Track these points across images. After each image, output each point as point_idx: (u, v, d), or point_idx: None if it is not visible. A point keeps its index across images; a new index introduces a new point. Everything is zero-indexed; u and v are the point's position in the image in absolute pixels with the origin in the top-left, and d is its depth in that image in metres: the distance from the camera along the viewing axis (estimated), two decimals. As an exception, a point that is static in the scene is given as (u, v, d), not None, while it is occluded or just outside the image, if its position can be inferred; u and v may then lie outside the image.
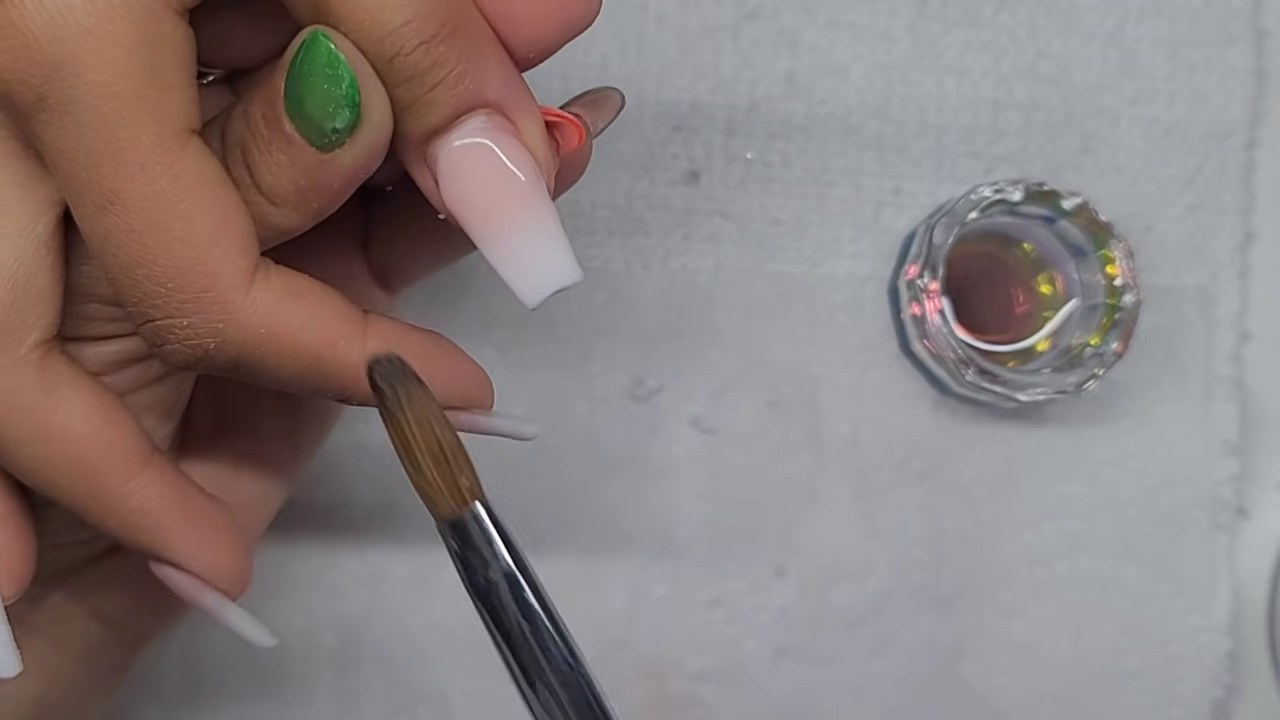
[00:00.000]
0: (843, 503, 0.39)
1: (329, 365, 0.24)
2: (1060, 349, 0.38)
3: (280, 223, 0.24)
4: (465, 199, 0.23)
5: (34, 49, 0.21)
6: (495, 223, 0.23)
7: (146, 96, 0.22)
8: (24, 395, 0.24)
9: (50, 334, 0.24)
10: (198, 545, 0.26)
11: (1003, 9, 0.39)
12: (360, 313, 0.25)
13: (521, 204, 0.23)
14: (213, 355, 0.23)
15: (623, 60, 0.38)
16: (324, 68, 0.22)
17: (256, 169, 0.23)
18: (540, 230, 0.23)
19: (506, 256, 0.24)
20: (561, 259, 0.24)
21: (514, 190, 0.23)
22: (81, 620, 0.30)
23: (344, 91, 0.22)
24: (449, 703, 0.38)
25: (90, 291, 0.25)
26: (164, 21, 0.22)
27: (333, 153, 0.23)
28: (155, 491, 0.25)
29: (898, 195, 0.39)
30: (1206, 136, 0.40)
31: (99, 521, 0.25)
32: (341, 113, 0.22)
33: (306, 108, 0.23)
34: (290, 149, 0.23)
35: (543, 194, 0.24)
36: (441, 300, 0.38)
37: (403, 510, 0.38)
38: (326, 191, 0.24)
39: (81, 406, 0.25)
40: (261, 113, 0.23)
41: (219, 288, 0.23)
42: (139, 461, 0.25)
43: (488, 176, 0.23)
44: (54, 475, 0.25)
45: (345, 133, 0.23)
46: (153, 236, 0.22)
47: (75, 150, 0.22)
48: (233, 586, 0.27)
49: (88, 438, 0.25)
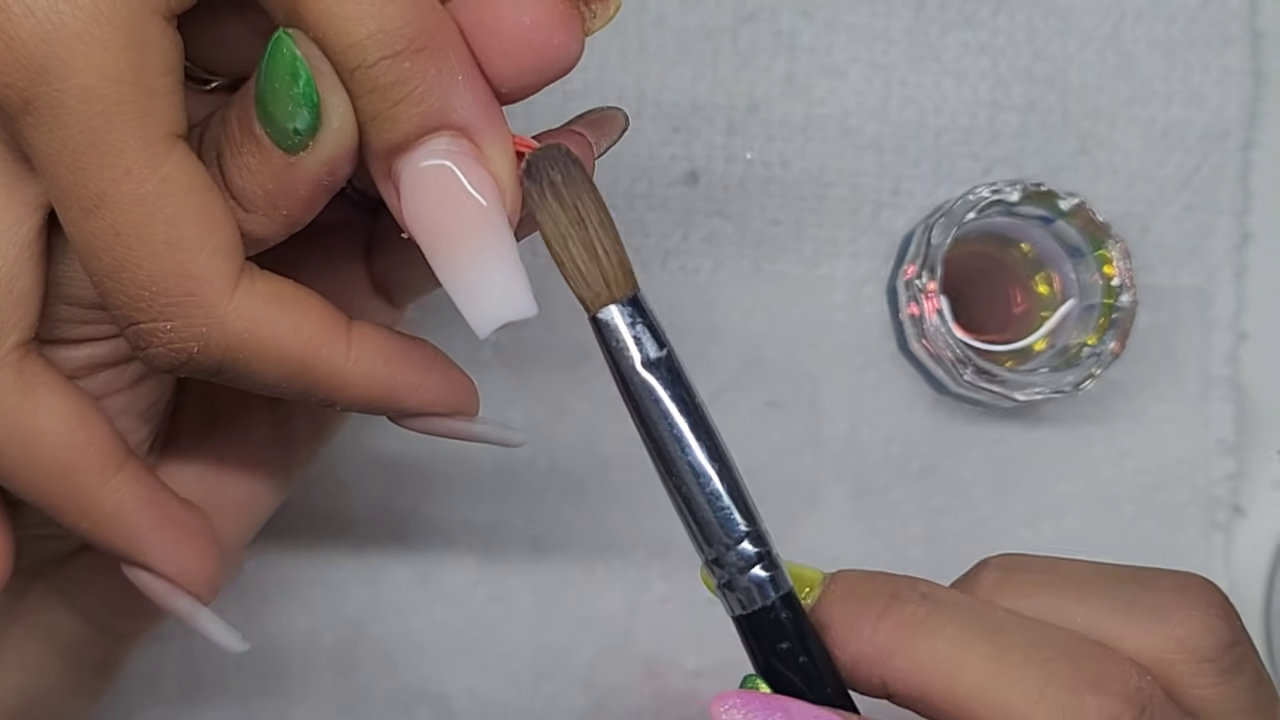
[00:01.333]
0: (841, 501, 0.39)
1: (313, 370, 0.24)
2: (1057, 349, 0.38)
3: (252, 229, 0.24)
4: (423, 219, 0.23)
5: (21, 53, 0.21)
6: (450, 247, 0.23)
7: (133, 101, 0.22)
8: (2, 397, 0.24)
9: (29, 336, 0.24)
10: (171, 549, 0.26)
11: (1000, 11, 0.39)
12: (344, 318, 0.25)
13: (478, 230, 0.23)
14: (196, 359, 0.23)
15: (622, 61, 0.38)
16: (285, 67, 0.22)
17: (228, 171, 0.24)
18: (496, 259, 0.23)
19: (459, 283, 0.23)
20: (515, 290, 0.23)
21: (471, 215, 0.23)
22: (61, 613, 0.30)
23: (301, 90, 0.22)
24: (449, 701, 0.38)
25: (63, 293, 0.25)
26: (151, 27, 0.22)
27: (298, 155, 0.23)
28: (130, 495, 0.25)
29: (896, 196, 0.39)
30: (1203, 137, 0.40)
31: (74, 523, 0.25)
32: (300, 113, 0.22)
33: (269, 107, 0.23)
34: (260, 151, 0.23)
35: (502, 222, 0.23)
36: (443, 299, 0.38)
37: (403, 509, 0.38)
38: (294, 197, 0.24)
39: (59, 409, 0.25)
40: (236, 115, 0.23)
41: (203, 292, 0.23)
42: (114, 465, 0.25)
43: (446, 199, 0.23)
44: (30, 477, 0.25)
45: (307, 135, 0.23)
46: (138, 240, 0.22)
47: (61, 154, 0.22)
48: (204, 591, 0.27)
49: (64, 440, 0.25)
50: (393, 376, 0.25)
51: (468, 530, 0.38)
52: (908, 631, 0.25)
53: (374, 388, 0.25)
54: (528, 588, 0.38)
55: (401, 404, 0.26)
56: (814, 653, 0.25)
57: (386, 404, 0.26)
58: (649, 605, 0.39)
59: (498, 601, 0.38)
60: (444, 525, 0.38)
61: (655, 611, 0.39)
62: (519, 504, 0.38)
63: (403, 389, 0.25)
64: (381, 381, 0.25)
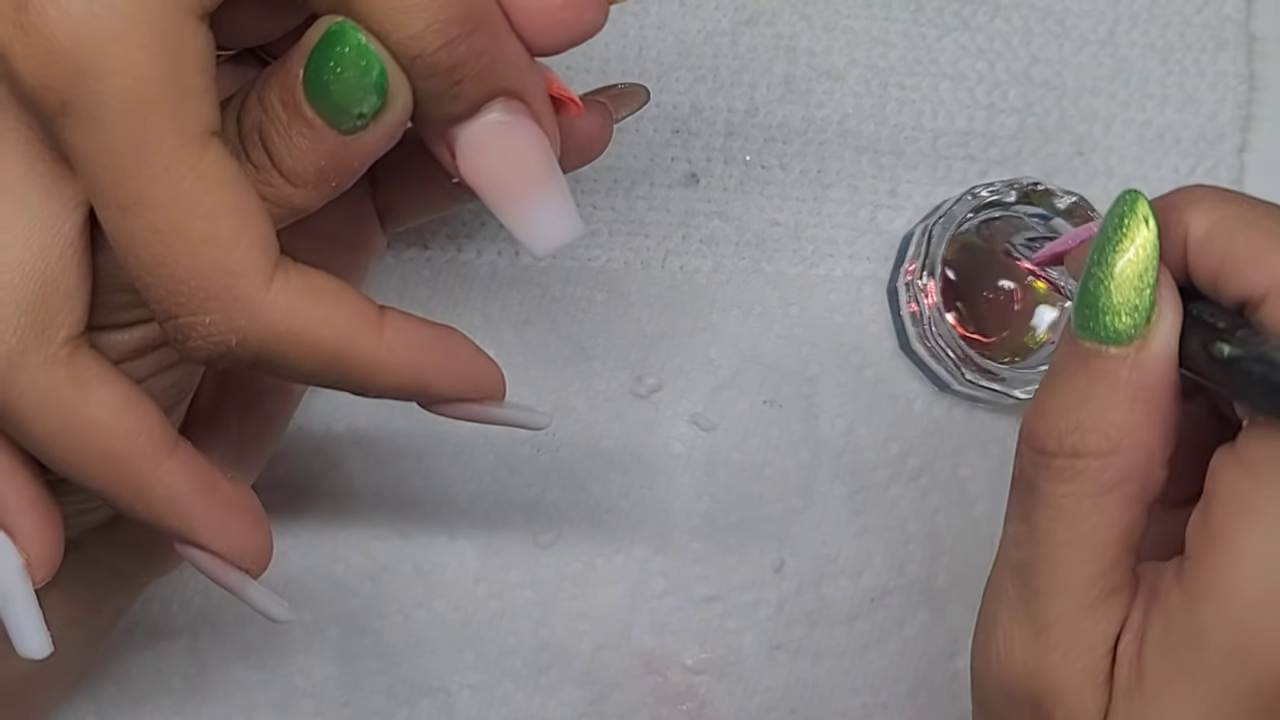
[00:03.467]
0: (839, 499, 0.39)
1: (347, 360, 0.25)
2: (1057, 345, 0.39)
3: (300, 203, 0.25)
4: (485, 175, 0.25)
5: (59, 55, 0.22)
6: (515, 194, 0.25)
7: (169, 100, 0.23)
8: (56, 391, 0.25)
9: (79, 330, 0.25)
10: (222, 528, 0.27)
11: (997, 15, 0.40)
12: (376, 308, 0.26)
13: (536, 178, 0.25)
14: (235, 352, 0.24)
15: (623, 63, 0.39)
16: (354, 58, 0.23)
17: (277, 152, 0.24)
18: (556, 196, 0.25)
19: (524, 223, 0.26)
20: (571, 217, 0.26)
21: (529, 167, 0.25)
22: (86, 568, 0.31)
23: (374, 80, 0.23)
24: (449, 695, 0.39)
25: (116, 280, 0.26)
26: (185, 27, 0.23)
27: (356, 134, 0.24)
28: (181, 478, 0.26)
29: (894, 197, 0.40)
30: (1198, 141, 0.40)
31: (128, 507, 0.26)
32: (369, 99, 0.24)
33: (333, 95, 0.24)
34: (311, 132, 0.24)
35: (554, 166, 0.26)
36: (444, 299, 0.39)
37: (406, 503, 0.39)
38: (346, 170, 0.25)
39: (110, 400, 0.25)
40: (279, 98, 0.24)
41: (241, 286, 0.24)
42: (165, 450, 0.26)
43: (506, 157, 0.25)
44: (86, 466, 0.25)
45: (369, 117, 0.24)
46: (176, 236, 0.23)
47: (99, 153, 0.23)
48: (254, 566, 0.28)
49: (117, 430, 0.25)
50: (423, 364, 0.26)
51: (469, 526, 0.39)
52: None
53: (405, 375, 0.26)
54: (528, 583, 0.39)
55: (431, 390, 0.27)
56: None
57: (417, 391, 0.26)
58: (648, 600, 0.39)
59: (498, 597, 0.39)
60: (446, 521, 0.39)
61: (655, 607, 0.39)
62: (520, 500, 0.39)
63: (432, 376, 0.26)
64: (413, 369, 0.26)
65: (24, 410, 0.25)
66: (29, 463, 0.26)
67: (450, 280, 0.39)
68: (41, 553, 0.26)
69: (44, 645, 0.27)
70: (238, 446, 0.32)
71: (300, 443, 0.38)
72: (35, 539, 0.26)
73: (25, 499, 0.26)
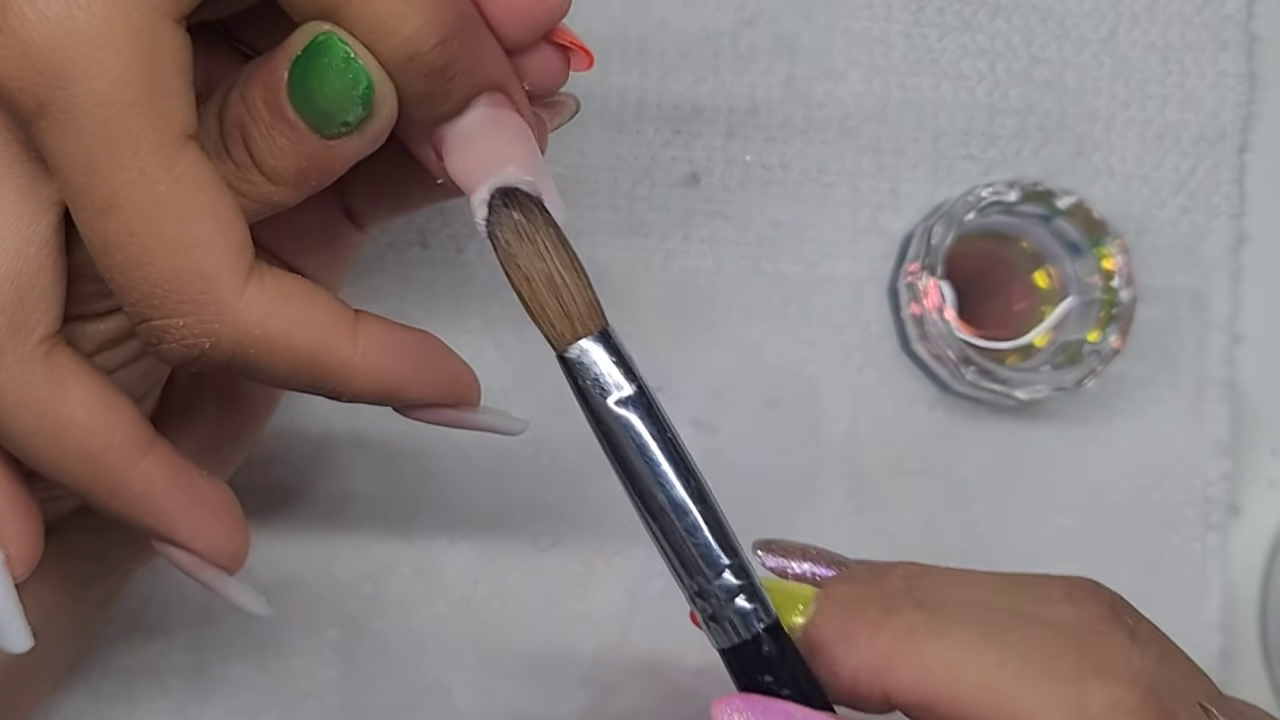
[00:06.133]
0: (840, 500, 0.39)
1: (322, 364, 0.25)
2: (1059, 344, 0.39)
3: (278, 199, 0.25)
4: (473, 171, 0.25)
5: (36, 58, 0.22)
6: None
7: (146, 103, 0.23)
8: (32, 390, 0.25)
9: (54, 329, 0.25)
10: (198, 526, 0.27)
11: (998, 15, 0.40)
12: (351, 312, 0.26)
13: (524, 169, 0.25)
14: (208, 354, 0.24)
15: (624, 64, 0.39)
16: (340, 70, 0.23)
17: (258, 151, 0.24)
18: (543, 185, 0.25)
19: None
20: (557, 205, 0.25)
21: (517, 158, 0.25)
22: (69, 557, 0.31)
23: (361, 92, 0.23)
24: (450, 697, 0.39)
25: (90, 270, 0.25)
26: (162, 30, 0.23)
27: (339, 139, 0.24)
28: (158, 476, 0.26)
29: (895, 197, 0.40)
30: (1199, 140, 0.40)
31: (105, 504, 0.26)
32: (355, 109, 0.24)
33: (318, 103, 0.23)
34: (294, 134, 0.24)
35: (539, 155, 0.26)
36: (445, 300, 0.39)
37: (405, 504, 0.39)
38: (326, 172, 0.25)
39: (86, 399, 0.25)
40: (262, 98, 0.24)
41: (215, 289, 0.23)
42: (142, 449, 0.26)
43: (495, 151, 0.25)
44: (62, 464, 0.25)
45: (355, 124, 0.24)
46: (151, 239, 0.23)
47: (75, 155, 0.23)
48: (231, 563, 0.28)
49: (94, 428, 0.25)
50: (398, 369, 0.26)
51: (469, 527, 0.39)
52: (906, 641, 0.25)
53: (380, 380, 0.26)
54: (528, 585, 0.39)
55: (406, 395, 0.26)
56: (802, 684, 0.25)
57: (392, 395, 0.26)
58: (648, 601, 0.39)
59: (498, 598, 0.39)
60: (446, 522, 0.39)
61: (655, 608, 0.39)
62: (520, 501, 0.39)
63: (408, 381, 0.26)
64: (387, 374, 0.26)
65: (0, 409, 0.25)
66: (6, 458, 0.26)
67: (450, 280, 0.39)
68: (21, 548, 0.26)
69: (25, 640, 0.27)
70: (215, 439, 0.32)
71: (300, 444, 0.38)
72: (15, 535, 0.26)
73: (3, 495, 0.26)
